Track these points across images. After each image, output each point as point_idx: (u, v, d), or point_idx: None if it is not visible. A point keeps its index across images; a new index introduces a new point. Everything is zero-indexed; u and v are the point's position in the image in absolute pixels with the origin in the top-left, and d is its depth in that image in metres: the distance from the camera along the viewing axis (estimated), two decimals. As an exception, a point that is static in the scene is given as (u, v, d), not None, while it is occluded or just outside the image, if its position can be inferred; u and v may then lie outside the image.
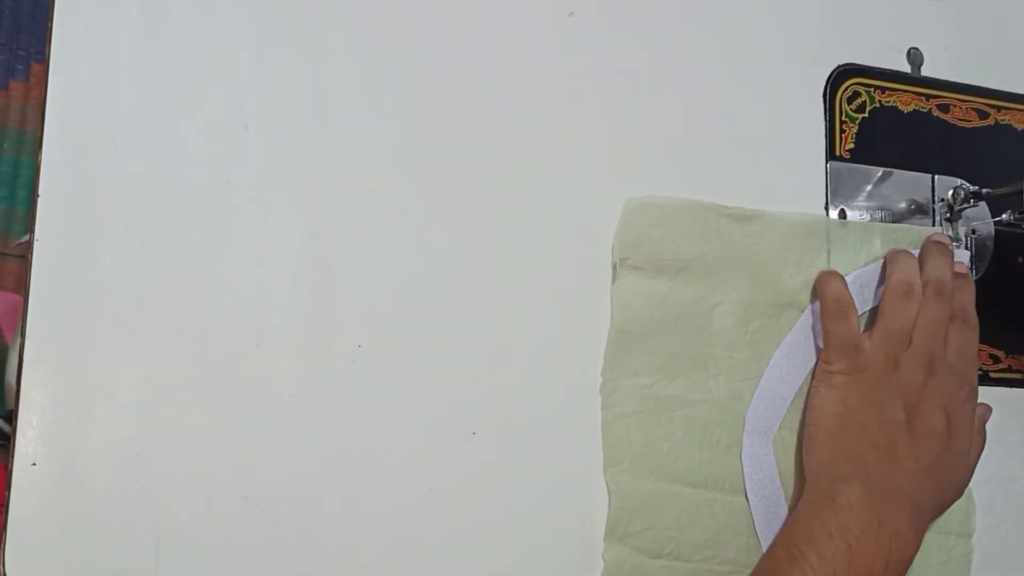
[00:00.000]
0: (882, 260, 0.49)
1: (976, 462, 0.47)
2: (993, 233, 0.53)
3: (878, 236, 0.50)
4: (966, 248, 0.52)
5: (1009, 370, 0.53)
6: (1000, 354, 0.53)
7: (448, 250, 0.44)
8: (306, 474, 0.40)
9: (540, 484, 0.43)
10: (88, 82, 0.40)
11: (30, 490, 0.37)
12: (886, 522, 0.41)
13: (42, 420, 0.38)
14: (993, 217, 0.53)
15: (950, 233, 0.52)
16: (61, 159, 0.39)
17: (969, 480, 0.47)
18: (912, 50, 0.54)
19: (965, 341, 0.47)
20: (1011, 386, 0.53)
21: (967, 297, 0.48)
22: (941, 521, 0.48)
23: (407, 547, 0.41)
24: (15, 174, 1.19)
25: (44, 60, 0.40)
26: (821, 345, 0.47)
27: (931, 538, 0.47)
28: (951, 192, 0.52)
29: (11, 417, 0.38)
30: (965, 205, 0.52)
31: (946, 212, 0.52)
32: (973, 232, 0.53)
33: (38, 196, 0.39)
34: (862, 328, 0.47)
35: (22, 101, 1.22)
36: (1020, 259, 0.54)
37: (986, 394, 0.51)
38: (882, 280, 0.48)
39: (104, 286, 0.39)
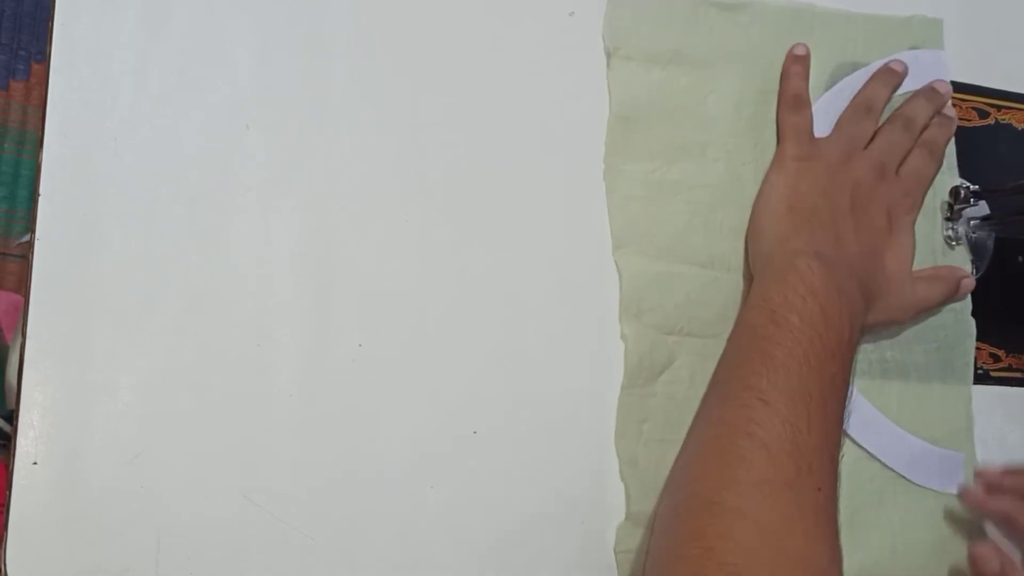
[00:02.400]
0: (857, 73, 0.51)
1: (928, 298, 0.48)
2: (993, 233, 0.53)
3: (861, 29, 0.52)
4: (967, 249, 0.53)
5: (1009, 369, 0.53)
6: (1000, 353, 0.53)
7: (448, 250, 0.44)
8: (306, 473, 0.40)
9: (540, 484, 0.43)
10: (89, 82, 0.40)
11: (31, 489, 0.37)
12: (842, 288, 0.42)
13: (43, 420, 0.38)
14: (993, 216, 0.53)
15: (949, 233, 0.52)
16: (62, 159, 0.40)
17: (914, 308, 0.48)
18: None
19: (922, 165, 0.49)
20: (1011, 386, 0.53)
21: (942, 135, 0.50)
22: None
23: (407, 547, 0.41)
24: (16, 174, 1.19)
25: (45, 60, 0.40)
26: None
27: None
28: (951, 191, 0.52)
29: (12, 417, 0.38)
30: (965, 204, 0.52)
31: (946, 211, 0.52)
32: (973, 232, 0.53)
33: (39, 196, 0.39)
34: None
35: (23, 101, 1.22)
36: (1020, 259, 0.54)
37: (986, 394, 0.51)
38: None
39: (105, 286, 0.39)
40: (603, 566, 0.43)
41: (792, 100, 0.48)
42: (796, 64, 0.49)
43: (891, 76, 0.50)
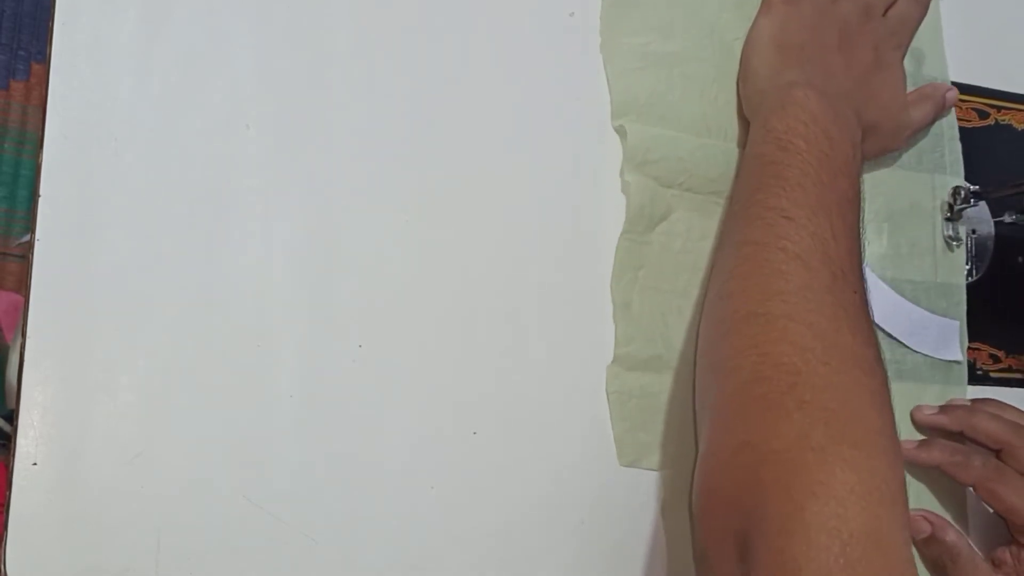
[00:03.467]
0: None
1: (921, 119, 0.49)
2: (993, 233, 0.53)
3: None
4: (968, 249, 0.53)
5: (1009, 370, 0.53)
6: (1000, 354, 0.53)
7: (448, 250, 0.44)
8: (307, 474, 0.40)
9: (540, 484, 0.43)
10: (89, 82, 0.40)
11: (31, 490, 0.37)
12: (840, 114, 0.43)
13: (43, 420, 0.38)
14: (993, 217, 0.53)
15: (949, 233, 0.52)
16: (62, 159, 0.39)
17: (908, 132, 0.49)
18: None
19: (906, 10, 0.49)
20: (1011, 386, 0.53)
21: None
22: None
23: (407, 547, 0.41)
24: (16, 174, 1.19)
25: (45, 60, 0.40)
26: None
27: None
28: (951, 191, 0.52)
29: (12, 417, 0.38)
30: (965, 205, 0.52)
31: (947, 212, 0.52)
32: (973, 232, 0.53)
33: (39, 196, 0.39)
34: None
35: (23, 101, 1.22)
36: (1020, 259, 0.54)
37: (986, 394, 0.51)
38: None
39: (105, 286, 0.39)
40: (603, 565, 0.43)
41: None
42: None
43: None
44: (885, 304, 0.49)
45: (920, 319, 0.50)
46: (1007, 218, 0.52)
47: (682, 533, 0.44)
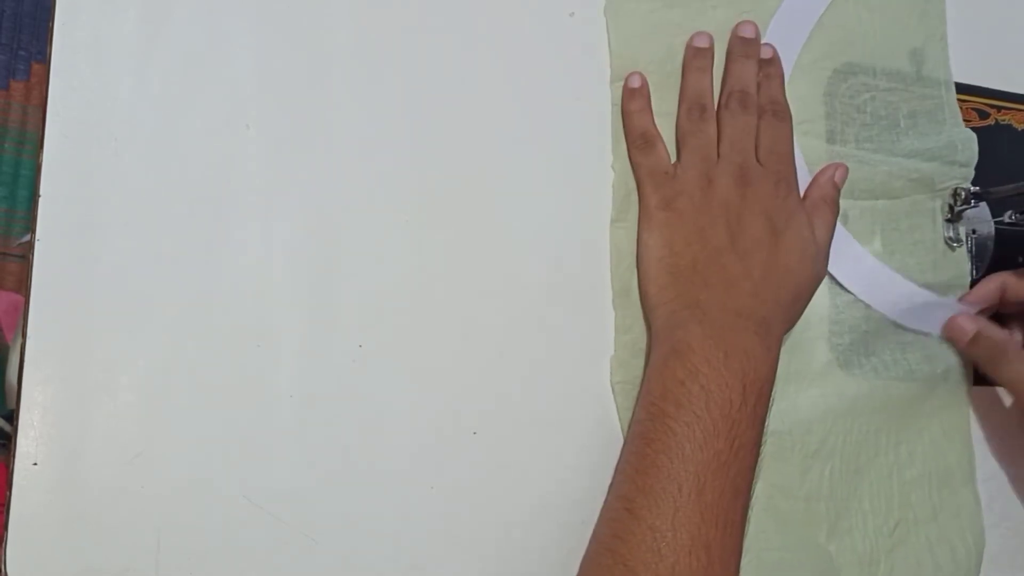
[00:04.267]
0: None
1: (827, 235, 0.47)
2: (993, 233, 0.53)
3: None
4: (968, 249, 0.53)
5: (1009, 370, 0.53)
6: (1000, 354, 0.53)
7: (449, 250, 0.44)
8: (307, 474, 0.40)
9: (541, 484, 0.43)
10: (89, 82, 0.40)
11: (31, 490, 0.37)
12: (732, 350, 0.41)
13: (43, 420, 0.38)
14: (993, 217, 0.53)
15: (950, 234, 0.52)
16: (62, 159, 0.40)
17: (825, 259, 0.46)
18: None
19: (774, 136, 0.47)
20: (1011, 386, 0.53)
21: (775, 86, 0.48)
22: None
23: (407, 547, 0.41)
24: (16, 174, 1.19)
25: (45, 60, 0.40)
26: None
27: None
28: (952, 192, 0.52)
29: (12, 417, 0.38)
30: (965, 205, 0.52)
31: (947, 212, 0.52)
32: (973, 232, 0.53)
33: (39, 196, 0.39)
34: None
35: (23, 101, 1.22)
36: (1020, 259, 0.54)
37: (986, 394, 0.51)
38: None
39: (105, 286, 0.39)
40: (603, 566, 0.43)
41: (639, 140, 0.46)
42: (631, 101, 0.47)
43: (701, 57, 0.48)
44: (888, 286, 0.49)
45: (925, 301, 0.50)
46: (1007, 218, 0.52)
47: None
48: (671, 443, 0.39)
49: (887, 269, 0.50)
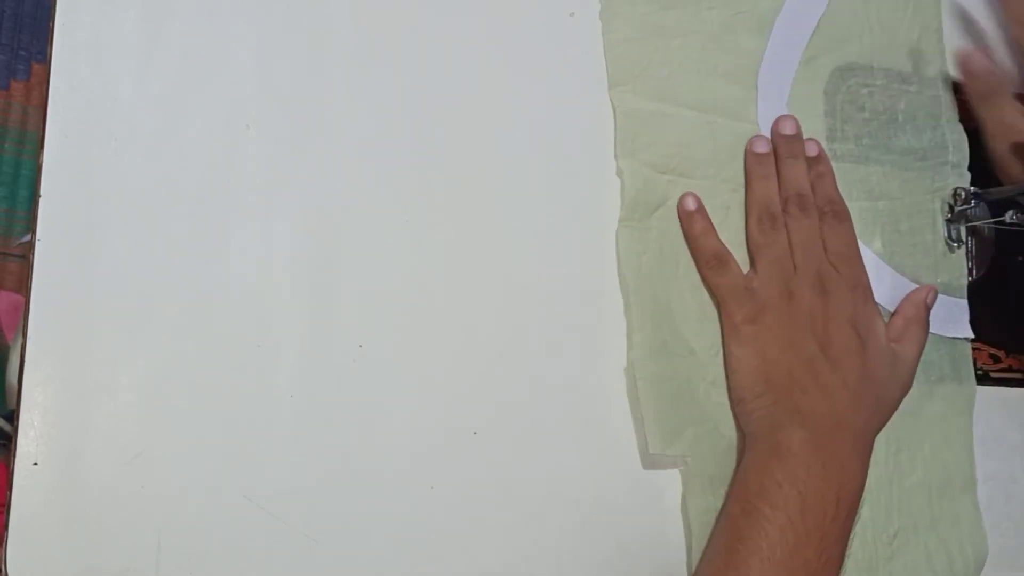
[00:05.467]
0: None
1: (916, 353, 0.47)
2: (993, 233, 0.53)
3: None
4: (968, 250, 0.53)
5: (1009, 370, 0.53)
6: (1000, 354, 0.53)
7: (449, 250, 0.44)
8: (307, 473, 0.40)
9: (541, 483, 0.43)
10: (89, 82, 0.40)
11: (31, 490, 0.37)
12: (830, 460, 0.42)
13: (43, 420, 0.38)
14: (993, 217, 0.53)
15: (949, 235, 0.52)
16: (62, 159, 0.40)
17: (912, 374, 0.47)
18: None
19: (840, 239, 0.47)
20: (1011, 386, 0.53)
21: (828, 185, 0.49)
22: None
23: (407, 547, 0.41)
24: (16, 174, 1.19)
25: (45, 60, 0.40)
26: None
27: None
28: (951, 192, 0.52)
29: (12, 417, 0.38)
30: (966, 205, 0.52)
31: (947, 212, 0.52)
32: (973, 232, 0.53)
33: (39, 196, 0.39)
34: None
35: (23, 101, 1.22)
36: (1020, 259, 0.54)
37: (986, 394, 0.52)
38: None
39: (105, 286, 0.39)
40: (604, 566, 0.43)
41: (712, 261, 0.46)
42: (693, 224, 0.47)
43: (765, 164, 0.48)
44: (889, 286, 0.50)
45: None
46: (1007, 218, 0.52)
47: (700, 525, 0.44)
48: (763, 544, 0.39)
49: (887, 268, 0.50)
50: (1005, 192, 0.51)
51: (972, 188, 0.52)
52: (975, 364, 0.52)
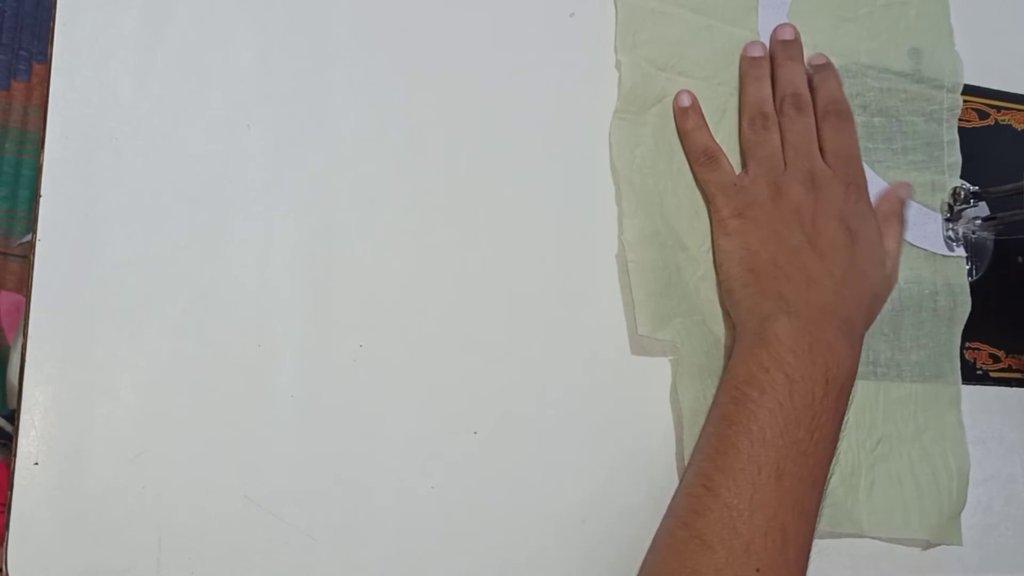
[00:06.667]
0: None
1: (897, 246, 0.48)
2: (993, 233, 0.53)
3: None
4: (965, 250, 0.53)
5: (1009, 370, 0.53)
6: (1000, 354, 0.53)
7: (449, 249, 0.44)
8: (307, 473, 0.40)
9: (541, 483, 0.43)
10: (90, 82, 0.40)
11: (32, 489, 0.37)
12: (816, 343, 0.41)
13: (44, 419, 0.38)
14: (993, 216, 0.53)
15: (950, 234, 0.52)
16: (63, 159, 0.40)
17: (896, 267, 0.47)
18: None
19: (840, 138, 0.47)
20: (1011, 386, 0.53)
21: (832, 86, 0.49)
22: None
23: (408, 546, 0.41)
24: (17, 174, 1.19)
25: (46, 60, 0.40)
26: None
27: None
28: (951, 192, 0.52)
29: (13, 416, 0.38)
30: (965, 205, 0.52)
31: (946, 212, 0.52)
32: (973, 232, 0.53)
33: (40, 196, 0.39)
34: None
35: (24, 101, 1.22)
36: (1020, 259, 0.54)
37: (986, 394, 0.52)
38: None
39: (106, 286, 0.39)
40: (604, 566, 0.43)
41: (702, 157, 0.47)
42: (686, 120, 0.47)
43: (757, 67, 0.49)
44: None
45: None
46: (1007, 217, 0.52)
47: (691, 412, 0.44)
48: (753, 427, 0.40)
49: (880, 181, 0.51)
50: (1005, 192, 0.51)
51: (972, 187, 0.52)
52: (975, 364, 0.52)
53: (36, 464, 0.37)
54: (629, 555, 0.44)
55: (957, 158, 0.53)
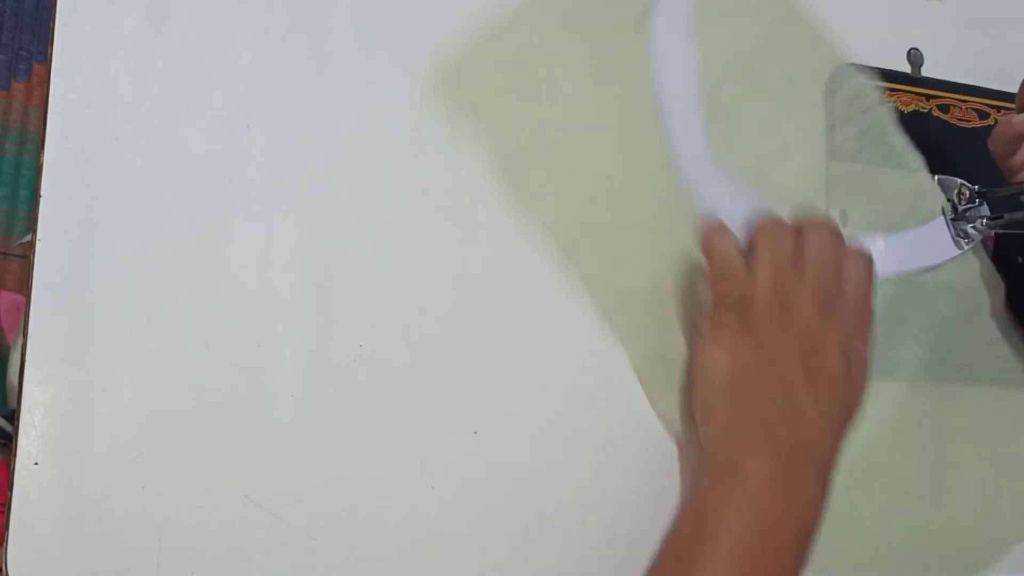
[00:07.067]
0: None
1: (869, 349, 0.44)
2: (993, 233, 0.53)
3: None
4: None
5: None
6: (1000, 354, 0.53)
7: (449, 249, 0.44)
8: (307, 473, 0.40)
9: (541, 483, 0.43)
10: (90, 82, 0.40)
11: (32, 489, 0.37)
12: (795, 487, 0.39)
13: (44, 419, 0.38)
14: (995, 216, 0.53)
15: (954, 234, 0.52)
16: (63, 159, 0.40)
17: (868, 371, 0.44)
18: (912, 50, 0.54)
19: (861, 270, 0.44)
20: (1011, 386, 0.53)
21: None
22: None
23: (408, 546, 0.41)
24: (17, 174, 1.19)
25: (46, 60, 0.40)
26: None
27: None
28: (956, 192, 0.52)
29: (13, 416, 0.38)
30: (970, 205, 0.52)
31: (951, 212, 0.52)
32: (977, 231, 0.53)
33: (40, 196, 0.39)
34: None
35: (24, 101, 1.22)
36: (1020, 259, 0.54)
37: (985, 394, 0.51)
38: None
39: (106, 286, 0.39)
40: (604, 566, 0.43)
41: (722, 266, 0.43)
42: (716, 230, 0.44)
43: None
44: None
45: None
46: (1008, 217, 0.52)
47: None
48: (717, 571, 0.37)
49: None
50: (1005, 192, 0.51)
51: (976, 187, 0.52)
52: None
53: (36, 464, 0.37)
54: (629, 555, 0.44)
55: (920, 160, 0.52)
